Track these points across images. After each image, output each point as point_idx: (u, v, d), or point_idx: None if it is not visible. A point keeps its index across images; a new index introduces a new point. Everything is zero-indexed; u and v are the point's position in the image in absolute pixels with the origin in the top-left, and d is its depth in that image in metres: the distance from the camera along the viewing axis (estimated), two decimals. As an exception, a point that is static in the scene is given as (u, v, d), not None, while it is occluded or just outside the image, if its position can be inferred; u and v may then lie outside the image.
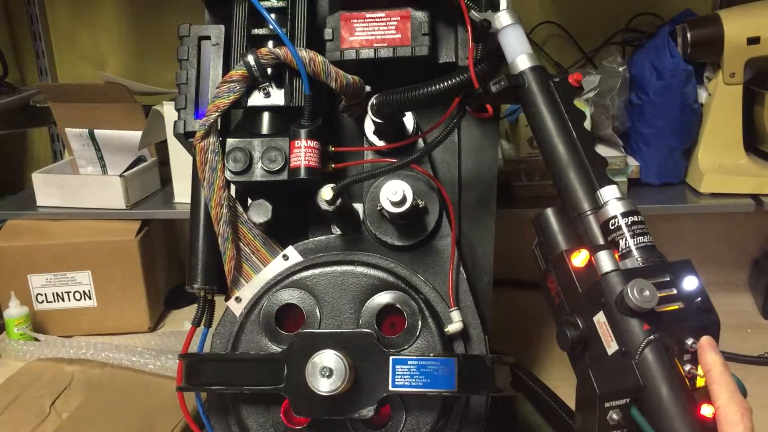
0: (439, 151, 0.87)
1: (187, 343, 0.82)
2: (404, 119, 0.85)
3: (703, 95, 1.21)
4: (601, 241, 0.63)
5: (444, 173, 0.88)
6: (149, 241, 1.33)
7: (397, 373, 0.71)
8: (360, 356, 0.71)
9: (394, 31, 0.83)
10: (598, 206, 0.63)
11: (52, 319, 1.32)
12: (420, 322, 0.76)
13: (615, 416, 0.54)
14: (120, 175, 1.30)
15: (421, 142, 0.85)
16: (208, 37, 0.84)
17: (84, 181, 1.33)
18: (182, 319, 1.41)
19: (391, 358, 0.71)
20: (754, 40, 1.13)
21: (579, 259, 0.63)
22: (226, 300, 0.83)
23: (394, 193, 0.76)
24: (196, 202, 0.84)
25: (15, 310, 1.24)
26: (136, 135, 1.34)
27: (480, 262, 0.88)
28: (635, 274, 0.57)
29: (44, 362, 1.16)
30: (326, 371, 0.69)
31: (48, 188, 1.33)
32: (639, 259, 0.60)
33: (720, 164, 1.21)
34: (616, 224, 0.61)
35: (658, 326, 0.56)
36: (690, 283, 0.59)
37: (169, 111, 1.26)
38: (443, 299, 0.79)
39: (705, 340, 0.56)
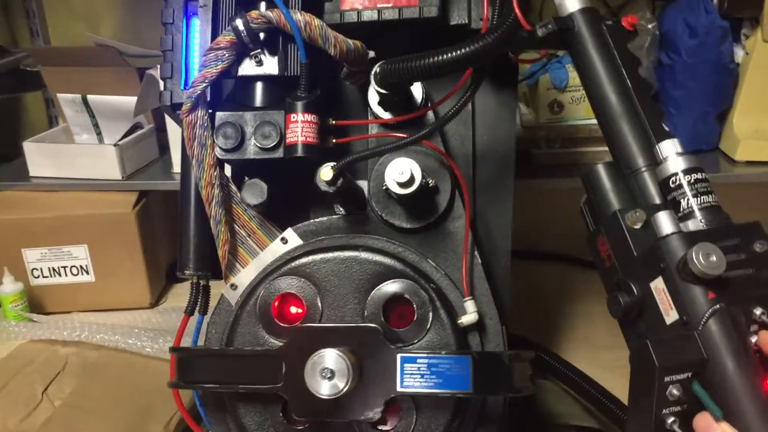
0: (451, 122, 0.79)
1: (179, 334, 0.76)
2: (412, 89, 0.76)
3: (739, 54, 1.12)
4: (659, 201, 0.58)
5: (457, 147, 0.80)
6: (148, 214, 1.27)
7: (405, 371, 0.64)
8: (365, 353, 0.65)
9: (400, -10, 0.74)
10: (655, 162, 0.58)
11: (48, 294, 1.26)
12: (431, 314, 0.69)
13: (675, 391, 0.49)
14: (114, 145, 1.23)
15: (430, 114, 0.77)
16: (195, -2, 0.76)
17: (77, 151, 1.26)
18: (185, 293, 1.35)
19: (399, 355, 0.64)
20: (798, -7, 1.03)
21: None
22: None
23: (401, 173, 0.68)
24: (186, 180, 0.77)
25: (9, 286, 1.19)
26: (131, 100, 1.27)
27: (497, 245, 0.81)
28: (699, 237, 0.52)
29: (38, 344, 1.10)
30: (327, 372, 0.62)
31: (41, 158, 1.27)
32: (702, 220, 0.55)
33: (757, 129, 1.12)
34: (677, 182, 0.56)
35: (725, 294, 0.51)
36: (760, 247, 0.53)
37: (164, 75, 1.18)
38: (456, 287, 0.73)
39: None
